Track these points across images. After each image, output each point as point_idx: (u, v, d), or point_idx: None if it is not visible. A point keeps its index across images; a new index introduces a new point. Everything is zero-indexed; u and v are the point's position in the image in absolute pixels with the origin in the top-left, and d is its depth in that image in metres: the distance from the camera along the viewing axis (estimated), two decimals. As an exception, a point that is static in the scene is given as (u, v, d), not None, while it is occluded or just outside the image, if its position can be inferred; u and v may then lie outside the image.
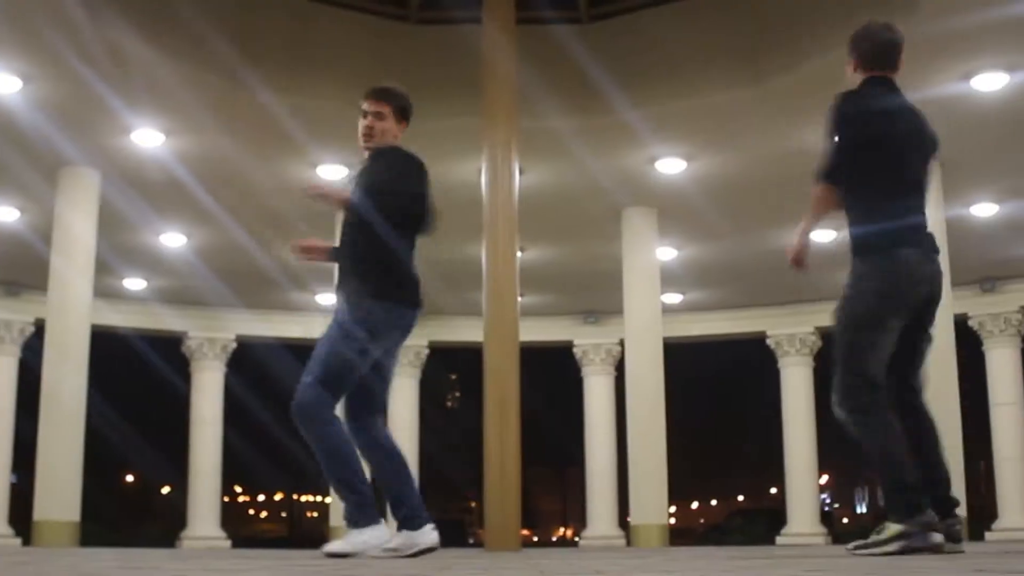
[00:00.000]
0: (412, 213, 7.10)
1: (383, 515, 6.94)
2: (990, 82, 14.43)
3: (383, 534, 6.89)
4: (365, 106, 7.30)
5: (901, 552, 6.15)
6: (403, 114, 7.36)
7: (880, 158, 6.69)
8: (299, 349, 18.89)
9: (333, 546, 6.86)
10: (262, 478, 55.64)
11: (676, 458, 20.07)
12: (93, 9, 13.17)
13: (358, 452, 6.97)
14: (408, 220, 7.10)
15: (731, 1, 15.06)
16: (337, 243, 7.34)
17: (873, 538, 6.34)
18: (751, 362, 30.13)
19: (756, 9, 14.82)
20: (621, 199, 18.45)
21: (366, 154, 7.34)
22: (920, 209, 6.73)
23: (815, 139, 6.75)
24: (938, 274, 6.74)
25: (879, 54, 6.90)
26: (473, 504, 63.52)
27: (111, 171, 16.88)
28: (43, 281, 17.12)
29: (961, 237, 18.43)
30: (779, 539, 25.31)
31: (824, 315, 6.69)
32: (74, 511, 16.12)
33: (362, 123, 7.29)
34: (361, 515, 6.88)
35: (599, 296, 24.19)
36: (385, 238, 7.00)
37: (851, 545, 6.51)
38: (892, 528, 6.30)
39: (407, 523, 6.92)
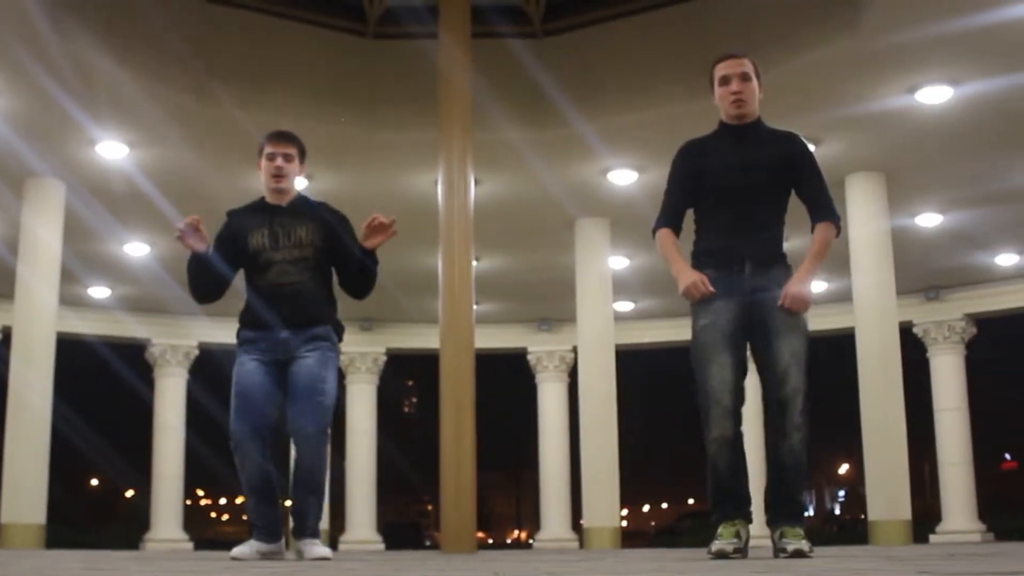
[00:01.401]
0: None
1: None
2: (934, 95, 14.63)
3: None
4: (272, 149, 7.59)
5: None
6: (304, 157, 7.76)
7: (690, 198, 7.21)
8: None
9: (319, 551, 7.16)
10: (224, 481, 55.48)
11: (628, 462, 20.33)
12: (59, 23, 13.28)
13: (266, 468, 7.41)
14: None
15: (683, 16, 15.21)
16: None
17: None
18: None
19: (707, 24, 14.93)
20: (574, 210, 18.67)
21: (279, 193, 7.67)
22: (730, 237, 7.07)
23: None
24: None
25: None
26: (430, 507, 63.67)
27: (76, 182, 16.99)
28: (9, 289, 17.26)
29: (906, 247, 18.85)
30: (730, 541, 25.52)
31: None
32: (40, 514, 16.25)
33: (271, 164, 7.58)
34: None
35: (553, 304, 24.43)
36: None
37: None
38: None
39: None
